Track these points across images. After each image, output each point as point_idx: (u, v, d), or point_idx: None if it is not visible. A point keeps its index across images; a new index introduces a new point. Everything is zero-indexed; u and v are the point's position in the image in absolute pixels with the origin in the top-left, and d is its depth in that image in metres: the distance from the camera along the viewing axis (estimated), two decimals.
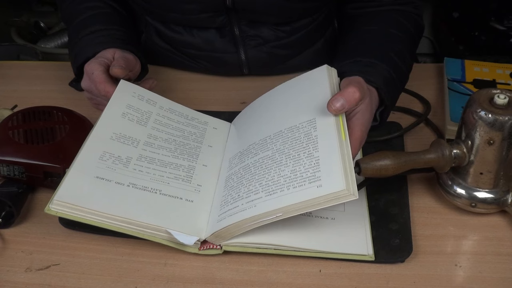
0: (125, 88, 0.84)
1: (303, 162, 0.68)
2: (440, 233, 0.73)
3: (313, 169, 0.67)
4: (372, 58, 0.84)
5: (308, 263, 0.69)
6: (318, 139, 0.70)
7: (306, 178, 0.66)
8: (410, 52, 0.92)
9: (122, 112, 0.81)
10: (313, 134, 0.71)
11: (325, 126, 0.71)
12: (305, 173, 0.67)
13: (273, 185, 0.67)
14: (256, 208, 0.66)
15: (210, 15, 0.95)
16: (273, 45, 1.00)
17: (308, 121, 0.73)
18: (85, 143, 0.75)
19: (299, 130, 0.73)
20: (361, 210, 0.74)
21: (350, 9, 0.99)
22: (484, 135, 0.69)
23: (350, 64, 0.83)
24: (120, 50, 0.90)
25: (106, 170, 0.73)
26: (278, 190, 0.67)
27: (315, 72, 0.80)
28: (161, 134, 0.82)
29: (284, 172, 0.68)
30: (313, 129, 0.72)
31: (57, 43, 1.89)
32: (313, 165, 0.67)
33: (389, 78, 0.82)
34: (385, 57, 0.85)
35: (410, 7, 0.95)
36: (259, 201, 0.67)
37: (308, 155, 0.69)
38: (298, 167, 0.68)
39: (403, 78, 0.88)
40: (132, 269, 0.69)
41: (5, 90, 1.03)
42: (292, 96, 0.80)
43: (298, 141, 0.71)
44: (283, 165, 0.69)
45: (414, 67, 0.92)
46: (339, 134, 0.69)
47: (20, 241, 0.73)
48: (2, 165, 0.77)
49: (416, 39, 0.95)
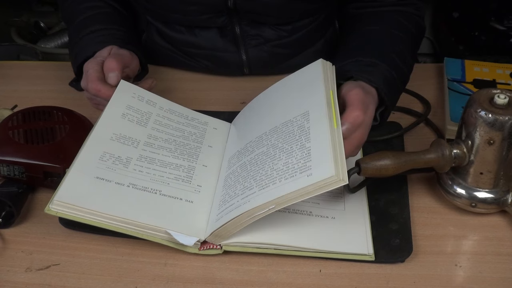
0: (125, 88, 0.84)
1: (295, 154, 0.68)
2: (440, 233, 0.73)
3: (305, 160, 0.67)
4: (373, 58, 0.84)
5: (308, 263, 0.69)
6: (310, 130, 0.70)
7: (297, 169, 0.66)
8: (411, 52, 0.92)
9: (122, 112, 0.81)
10: (306, 126, 0.71)
11: (317, 117, 0.71)
12: (296, 164, 0.67)
13: (266, 179, 0.68)
14: (249, 203, 0.66)
15: (212, 15, 0.95)
16: (274, 45, 1.00)
17: (302, 114, 0.74)
18: (85, 144, 0.75)
19: (293, 124, 0.73)
20: (361, 209, 0.74)
21: (352, 9, 0.99)
22: (484, 135, 0.69)
23: (351, 64, 0.83)
24: (116, 47, 0.90)
25: (106, 171, 0.73)
26: (270, 183, 0.67)
27: (310, 66, 0.81)
28: (161, 134, 0.82)
29: (277, 166, 0.69)
30: (306, 121, 0.72)
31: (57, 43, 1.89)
32: (304, 156, 0.67)
33: (390, 78, 0.82)
34: (386, 57, 0.85)
35: (411, 8, 0.95)
36: (252, 196, 0.67)
37: (300, 147, 0.69)
38: (291, 159, 0.68)
39: (404, 79, 0.88)
40: (132, 269, 0.69)
41: (5, 90, 1.03)
42: (288, 92, 0.81)
43: (292, 135, 0.72)
44: (277, 159, 0.70)
45: (415, 67, 0.92)
46: (331, 122, 0.69)
47: (20, 241, 0.73)
48: (2, 165, 0.77)
49: (417, 40, 0.95)
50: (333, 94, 0.74)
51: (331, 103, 0.73)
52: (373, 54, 0.85)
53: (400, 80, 0.86)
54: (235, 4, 0.93)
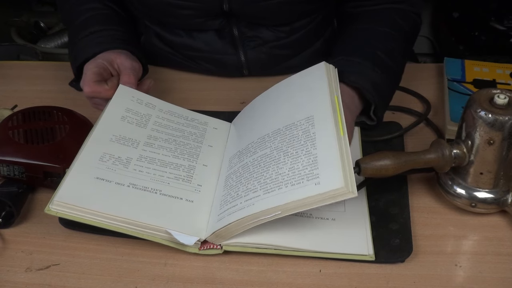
0: (123, 93, 0.84)
1: (301, 159, 0.68)
2: (440, 233, 0.73)
3: (311, 167, 0.66)
4: (357, 57, 0.84)
5: (308, 263, 0.69)
6: (316, 136, 0.70)
7: (304, 176, 0.66)
8: (403, 50, 0.92)
9: (121, 115, 0.81)
10: (311, 131, 0.71)
11: (323, 122, 0.71)
12: (303, 170, 0.66)
13: (271, 183, 0.67)
14: (254, 206, 0.66)
15: (207, 18, 0.96)
16: (273, 46, 1.00)
17: (306, 118, 0.73)
18: (85, 145, 0.75)
19: (297, 128, 0.73)
20: (361, 210, 0.74)
21: (347, 8, 0.99)
22: (484, 135, 0.69)
23: (333, 64, 0.82)
24: (124, 56, 0.89)
25: (106, 171, 0.73)
26: (276, 188, 0.66)
27: (313, 69, 0.80)
28: (161, 135, 0.82)
29: (282, 170, 0.68)
30: (311, 126, 0.72)
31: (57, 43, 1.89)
32: (311, 163, 0.67)
33: (375, 76, 0.83)
34: (371, 56, 0.85)
35: (406, 5, 0.95)
36: (257, 199, 0.67)
37: (306, 153, 0.69)
38: (296, 164, 0.68)
39: (393, 76, 0.88)
40: (132, 269, 0.69)
41: (5, 90, 1.03)
42: (291, 94, 0.80)
43: (296, 139, 0.71)
44: (281, 163, 0.69)
45: (414, 67, 0.92)
46: (338, 130, 0.69)
47: (20, 241, 0.73)
48: (2, 165, 0.77)
49: (409, 36, 0.95)
50: (338, 100, 0.73)
51: (337, 109, 0.72)
52: (357, 53, 0.86)
53: (389, 77, 0.86)
54: (231, 8, 0.92)
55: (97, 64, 0.86)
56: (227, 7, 0.92)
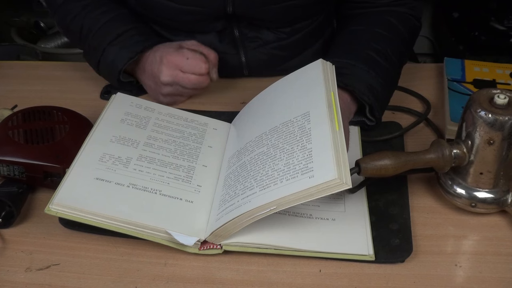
0: (121, 100, 0.85)
1: (296, 154, 0.68)
2: (440, 233, 0.73)
3: (306, 161, 0.67)
4: (349, 59, 0.85)
5: (308, 263, 0.69)
6: (311, 131, 0.70)
7: (298, 170, 0.66)
8: (398, 51, 0.92)
9: (120, 118, 0.82)
10: (307, 126, 0.71)
11: (318, 118, 0.71)
12: (298, 165, 0.67)
13: (267, 179, 0.68)
14: (250, 203, 0.66)
15: (210, 22, 0.96)
16: (273, 46, 1.00)
17: (302, 114, 0.73)
18: (85, 146, 0.76)
19: (293, 124, 0.73)
20: (361, 210, 0.74)
21: (345, 10, 1.00)
22: (484, 135, 0.69)
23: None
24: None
25: (106, 171, 0.73)
26: (271, 184, 0.67)
27: (310, 66, 0.81)
28: (161, 135, 0.82)
29: (278, 166, 0.68)
30: (307, 122, 0.72)
31: (57, 43, 1.89)
32: (306, 157, 0.67)
33: (368, 78, 0.83)
34: (364, 57, 0.85)
35: (405, 8, 0.95)
36: (253, 196, 0.67)
37: (301, 148, 0.69)
38: (292, 160, 0.68)
39: (388, 78, 0.88)
40: (132, 269, 0.69)
41: (5, 90, 1.03)
42: (288, 92, 0.80)
43: (292, 135, 0.72)
44: (277, 159, 0.69)
45: (414, 67, 0.92)
46: (333, 124, 0.69)
47: (20, 241, 0.73)
48: (2, 165, 0.77)
49: (406, 37, 0.95)
50: (334, 96, 0.74)
51: (332, 104, 0.72)
52: (349, 55, 0.86)
53: (384, 78, 0.86)
54: (234, 11, 0.92)
55: (172, 45, 0.91)
56: (231, 10, 0.92)
